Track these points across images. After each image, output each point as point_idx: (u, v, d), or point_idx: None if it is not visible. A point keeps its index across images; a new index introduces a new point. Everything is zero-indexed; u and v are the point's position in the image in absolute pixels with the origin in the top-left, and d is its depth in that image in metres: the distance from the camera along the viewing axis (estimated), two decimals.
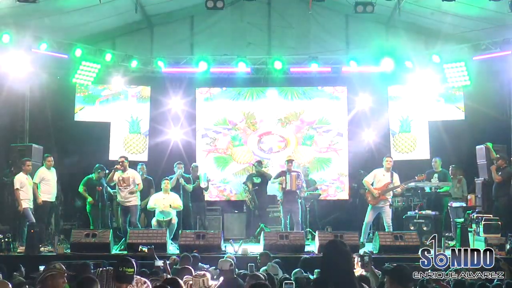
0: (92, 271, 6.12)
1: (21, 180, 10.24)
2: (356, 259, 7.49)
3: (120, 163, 10.47)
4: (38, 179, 10.57)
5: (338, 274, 3.60)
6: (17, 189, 10.16)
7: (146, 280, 5.11)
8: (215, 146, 13.63)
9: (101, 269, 5.91)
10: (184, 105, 13.56)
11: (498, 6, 10.27)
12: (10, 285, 4.79)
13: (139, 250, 9.09)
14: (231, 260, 6.56)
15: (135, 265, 4.89)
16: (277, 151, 13.61)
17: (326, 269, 3.70)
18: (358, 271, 7.07)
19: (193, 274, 5.83)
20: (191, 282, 5.63)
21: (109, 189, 11.57)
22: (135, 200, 10.54)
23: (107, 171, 11.17)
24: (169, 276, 6.10)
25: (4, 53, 11.65)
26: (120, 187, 10.47)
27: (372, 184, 10.53)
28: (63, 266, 4.46)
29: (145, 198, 11.48)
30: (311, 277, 6.50)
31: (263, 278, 5.60)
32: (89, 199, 11.04)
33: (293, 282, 5.52)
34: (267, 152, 13.60)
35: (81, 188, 11.21)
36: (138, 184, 10.58)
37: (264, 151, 13.61)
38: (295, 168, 11.48)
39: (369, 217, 10.50)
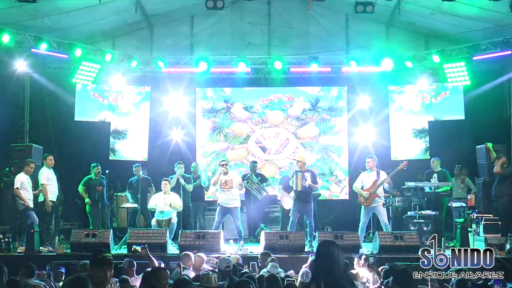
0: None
1: (22, 180, 10.22)
2: (356, 260, 7.51)
3: (224, 166, 10.44)
4: (45, 179, 10.50)
5: (325, 274, 3.62)
6: (17, 188, 10.14)
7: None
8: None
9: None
10: (184, 105, 13.55)
11: (498, 6, 10.28)
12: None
13: (133, 250, 9.09)
14: (230, 260, 6.59)
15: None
16: (278, 152, 13.63)
17: (315, 269, 3.73)
18: (359, 270, 7.08)
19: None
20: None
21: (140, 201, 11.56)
22: (237, 203, 10.49)
23: (107, 171, 11.22)
24: None
25: (4, 53, 11.67)
26: (223, 190, 10.41)
27: (362, 188, 10.55)
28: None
29: (145, 198, 11.47)
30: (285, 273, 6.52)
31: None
32: (87, 199, 11.03)
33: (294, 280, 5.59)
34: (266, 153, 13.63)
35: (80, 188, 11.20)
36: (240, 185, 10.58)
37: (263, 151, 13.63)
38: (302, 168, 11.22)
39: (363, 218, 10.48)
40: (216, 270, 6.52)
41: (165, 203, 10.75)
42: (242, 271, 6.62)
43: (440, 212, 11.13)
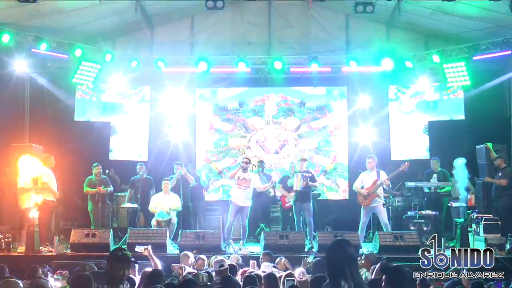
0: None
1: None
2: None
3: (245, 163, 10.43)
4: (46, 177, 10.53)
5: (348, 274, 3.57)
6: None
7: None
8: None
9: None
10: (184, 105, 13.54)
11: (498, 6, 10.29)
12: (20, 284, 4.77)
13: (135, 249, 9.07)
14: (224, 260, 6.64)
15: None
16: (277, 151, 13.63)
17: (335, 267, 3.65)
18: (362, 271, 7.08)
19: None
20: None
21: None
22: (250, 202, 10.49)
23: (107, 171, 11.22)
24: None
25: (4, 53, 11.67)
26: (239, 186, 10.39)
27: (362, 188, 10.55)
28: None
29: (145, 198, 11.46)
30: None
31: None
32: (103, 187, 11.04)
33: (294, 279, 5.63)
34: (267, 152, 13.63)
35: (85, 189, 11.22)
36: (257, 188, 10.59)
37: (264, 151, 13.63)
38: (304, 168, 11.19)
39: (363, 218, 10.50)
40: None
41: (165, 204, 10.74)
42: (249, 271, 6.65)
43: (440, 212, 11.13)
